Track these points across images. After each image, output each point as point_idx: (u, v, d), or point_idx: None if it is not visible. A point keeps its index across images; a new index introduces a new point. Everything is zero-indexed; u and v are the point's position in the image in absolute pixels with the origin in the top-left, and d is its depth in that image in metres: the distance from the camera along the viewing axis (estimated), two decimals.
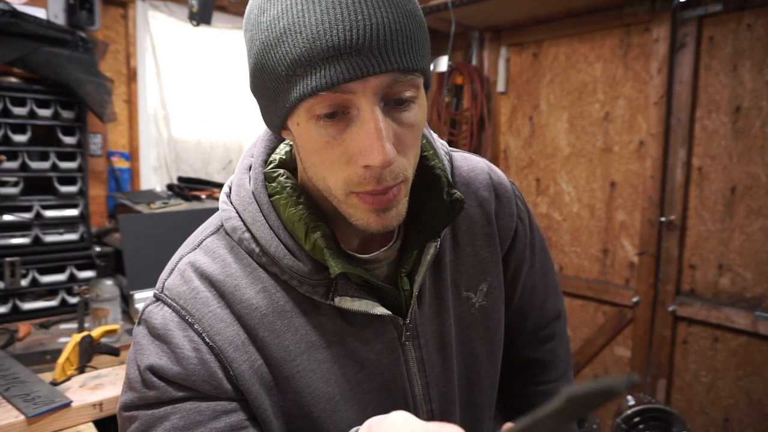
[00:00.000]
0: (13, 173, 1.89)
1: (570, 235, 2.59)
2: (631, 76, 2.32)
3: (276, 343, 0.60)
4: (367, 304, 0.60)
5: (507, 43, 2.76)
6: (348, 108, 0.51)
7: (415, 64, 0.50)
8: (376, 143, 0.49)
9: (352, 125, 0.51)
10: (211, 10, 2.11)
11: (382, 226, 0.55)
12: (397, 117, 0.52)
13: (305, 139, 0.53)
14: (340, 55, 0.47)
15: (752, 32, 1.97)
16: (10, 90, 1.88)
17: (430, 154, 0.66)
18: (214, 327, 0.58)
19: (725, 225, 2.09)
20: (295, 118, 0.53)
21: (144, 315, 0.61)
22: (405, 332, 0.64)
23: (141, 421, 0.57)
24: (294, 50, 0.48)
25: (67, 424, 1.25)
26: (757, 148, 1.99)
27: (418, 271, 0.64)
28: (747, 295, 2.05)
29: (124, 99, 2.43)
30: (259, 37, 0.51)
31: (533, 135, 2.70)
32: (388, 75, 0.49)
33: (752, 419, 2.05)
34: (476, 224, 0.71)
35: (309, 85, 0.48)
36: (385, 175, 0.52)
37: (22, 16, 1.87)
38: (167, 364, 0.57)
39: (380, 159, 0.49)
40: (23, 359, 1.48)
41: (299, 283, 0.60)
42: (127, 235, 1.87)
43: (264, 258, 0.60)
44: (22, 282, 1.87)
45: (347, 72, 0.47)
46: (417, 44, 0.51)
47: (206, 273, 0.60)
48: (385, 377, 0.64)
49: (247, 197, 0.61)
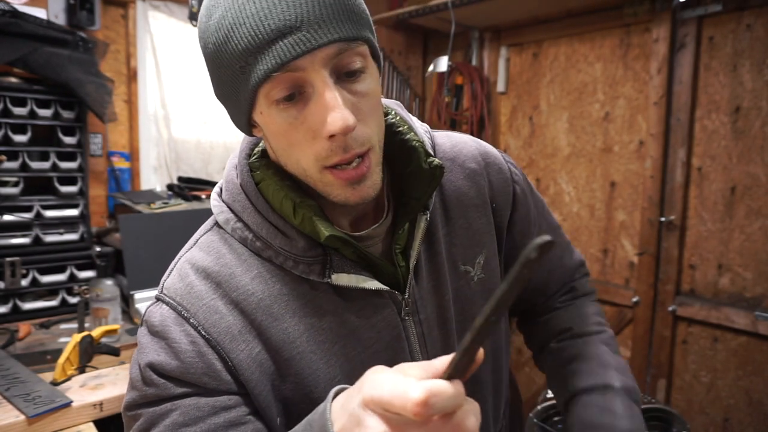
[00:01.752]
0: (13, 173, 1.89)
1: (570, 235, 2.59)
2: (631, 76, 2.32)
3: (275, 326, 0.61)
4: (363, 280, 0.61)
5: (507, 43, 2.76)
6: (303, 87, 0.53)
7: (355, 32, 0.53)
8: (335, 111, 0.52)
9: (310, 102, 0.53)
10: None
11: (360, 197, 0.57)
12: (350, 88, 0.55)
13: (271, 125, 0.56)
14: (283, 35, 0.50)
15: (752, 32, 1.97)
16: (10, 90, 1.88)
17: (404, 128, 0.67)
18: (210, 319, 0.59)
19: (725, 225, 2.09)
20: (258, 108, 0.55)
21: (145, 316, 0.63)
22: (404, 307, 0.65)
23: (143, 419, 0.58)
24: (242, 41, 0.51)
25: (68, 424, 1.25)
26: (756, 148, 1.99)
27: (412, 245, 0.65)
28: (747, 295, 2.05)
29: (124, 99, 2.43)
30: (211, 40, 0.54)
31: (533, 135, 2.70)
32: (333, 46, 0.51)
33: (752, 419, 2.05)
34: (465, 196, 0.72)
35: (261, 70, 0.51)
36: (350, 143, 0.54)
37: (23, 16, 1.87)
38: (165, 360, 0.58)
39: (341, 124, 0.51)
40: (23, 359, 1.48)
41: (294, 264, 0.61)
42: (127, 235, 1.87)
43: (258, 243, 0.62)
44: (23, 282, 1.87)
45: (293, 49, 0.50)
46: (354, 15, 0.53)
47: (201, 266, 0.62)
48: (387, 354, 0.65)
49: (236, 189, 0.64)
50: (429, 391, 0.37)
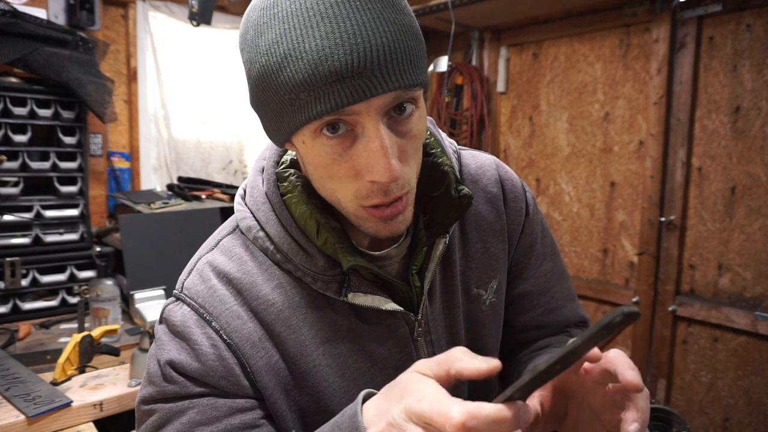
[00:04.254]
0: (13, 173, 1.89)
1: (570, 235, 2.59)
2: (631, 76, 2.32)
3: (293, 338, 0.61)
4: (379, 300, 0.62)
5: (507, 43, 2.76)
6: (353, 125, 0.52)
7: (415, 79, 0.51)
8: (382, 161, 0.51)
9: (357, 142, 0.52)
10: (212, 11, 2.11)
11: (390, 232, 0.58)
12: (399, 130, 0.54)
13: (312, 156, 0.55)
14: (343, 79, 0.48)
15: (752, 32, 1.97)
16: (10, 90, 1.88)
17: (437, 151, 0.67)
18: (231, 324, 0.60)
19: (725, 225, 2.09)
20: (300, 137, 0.54)
21: (164, 314, 0.63)
22: (417, 328, 0.66)
23: (159, 415, 0.59)
24: (296, 76, 0.49)
25: (68, 424, 1.25)
26: (756, 148, 1.99)
27: (428, 267, 0.65)
28: (747, 295, 2.05)
29: (125, 99, 2.43)
30: (259, 60, 0.52)
31: (533, 135, 2.70)
32: (391, 94, 0.50)
33: (752, 419, 2.05)
34: (485, 221, 0.72)
35: (314, 110, 0.49)
36: (392, 188, 0.54)
37: (23, 16, 1.87)
38: (186, 360, 0.59)
39: (387, 176, 0.51)
40: (23, 359, 1.48)
41: (313, 280, 0.61)
42: (127, 235, 1.87)
43: (278, 255, 0.62)
44: (23, 282, 1.87)
45: (350, 95, 0.48)
46: (416, 59, 0.52)
47: (223, 271, 0.62)
48: (397, 372, 0.65)
49: (261, 197, 0.63)
50: (469, 414, 0.38)
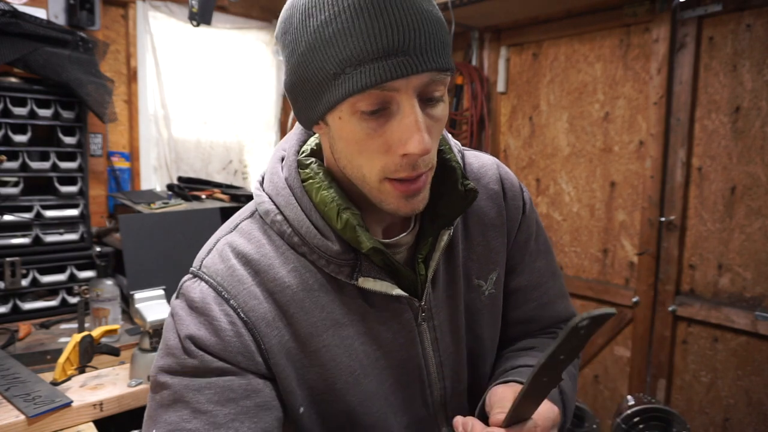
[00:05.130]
0: (13, 173, 1.89)
1: (570, 235, 2.59)
2: (631, 76, 2.32)
3: (305, 319, 0.65)
4: (387, 286, 0.66)
5: (507, 43, 2.76)
6: (389, 103, 0.56)
7: (449, 63, 0.57)
8: (417, 134, 0.55)
9: (392, 119, 0.57)
10: (212, 11, 2.11)
11: (411, 209, 0.62)
12: (428, 112, 0.59)
13: (346, 132, 0.59)
14: (388, 55, 0.53)
15: (752, 32, 1.97)
16: (10, 90, 1.88)
17: (446, 148, 0.72)
18: (249, 303, 0.63)
19: (725, 225, 2.09)
20: (337, 113, 0.58)
21: (182, 289, 0.66)
22: (420, 313, 0.70)
23: (172, 391, 0.61)
24: (345, 51, 0.54)
25: (68, 424, 1.25)
26: (756, 148, 1.99)
27: (433, 256, 0.69)
28: (747, 295, 2.05)
29: (124, 99, 2.43)
30: (306, 39, 0.56)
31: (533, 135, 2.70)
32: (428, 74, 0.55)
33: (752, 419, 2.05)
34: (486, 216, 0.77)
35: (360, 82, 0.54)
36: (419, 163, 0.58)
37: (23, 16, 1.87)
38: (206, 335, 0.62)
39: (421, 147, 0.55)
40: (24, 359, 1.48)
41: (326, 263, 0.65)
42: (127, 235, 1.87)
43: (295, 238, 0.65)
44: (23, 282, 1.87)
45: (395, 70, 0.53)
46: (447, 47, 0.57)
47: (242, 252, 0.66)
48: (401, 355, 0.70)
49: (281, 183, 0.67)
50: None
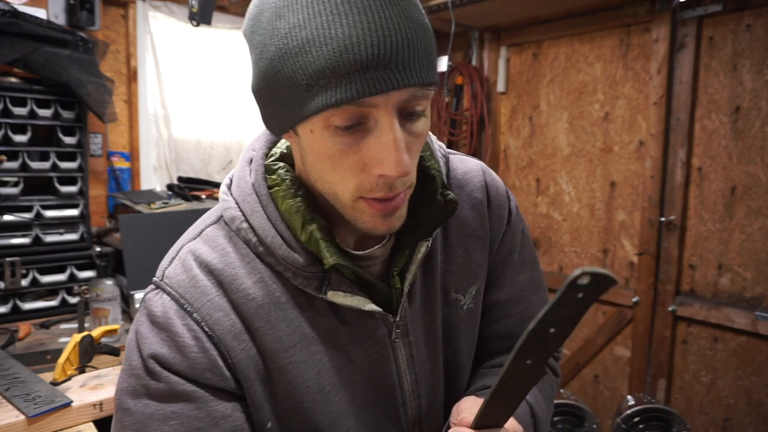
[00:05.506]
0: (13, 173, 1.89)
1: (570, 235, 2.59)
2: (631, 76, 2.32)
3: (271, 333, 0.61)
4: (359, 301, 0.61)
5: (507, 43, 2.76)
6: (366, 119, 0.51)
7: (433, 78, 0.52)
8: (395, 155, 0.51)
9: (369, 135, 0.52)
10: (211, 11, 2.11)
11: (387, 228, 0.57)
12: (408, 128, 0.54)
13: (318, 146, 0.54)
14: (366, 68, 0.47)
15: (752, 32, 1.97)
16: (10, 90, 1.88)
17: (426, 155, 0.67)
18: (213, 316, 0.59)
19: (725, 225, 2.09)
20: (309, 126, 0.53)
21: (144, 302, 0.62)
22: (395, 329, 0.65)
23: (135, 419, 0.57)
24: (318, 61, 0.48)
25: (68, 424, 1.25)
26: (756, 148, 1.99)
27: (409, 269, 0.65)
28: (747, 295, 2.05)
29: (124, 99, 2.43)
30: (275, 43, 0.51)
31: (533, 135, 2.70)
32: (410, 89, 0.50)
33: (752, 419, 2.05)
34: (469, 226, 0.72)
35: (333, 97, 0.48)
36: (397, 183, 0.54)
37: (23, 16, 1.87)
38: (169, 354, 0.58)
39: (399, 170, 0.51)
40: (23, 359, 1.48)
41: (293, 275, 0.61)
42: (127, 235, 1.87)
43: (261, 248, 0.61)
44: (23, 282, 1.86)
45: (373, 86, 0.48)
46: (432, 58, 0.52)
47: (205, 261, 0.61)
48: (374, 372, 0.66)
49: (247, 188, 0.62)
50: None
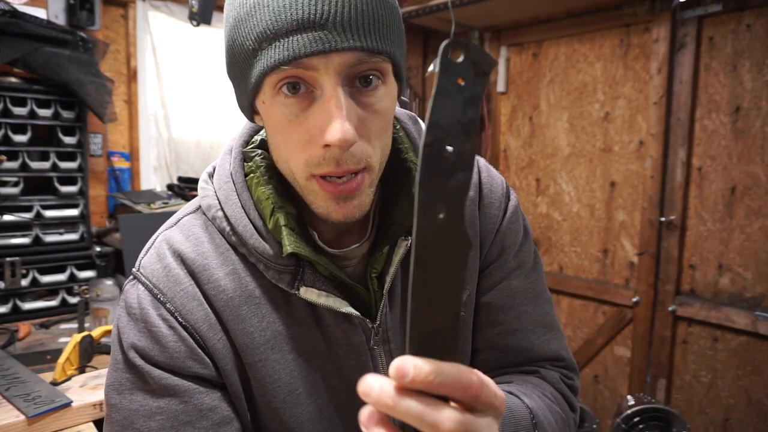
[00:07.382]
0: (13, 173, 1.89)
1: (570, 235, 2.59)
2: (631, 76, 2.32)
3: (240, 329, 0.59)
4: (334, 301, 0.58)
5: (507, 43, 2.76)
6: (312, 86, 0.50)
7: (379, 45, 0.49)
8: (337, 121, 0.48)
9: (315, 104, 0.50)
10: (212, 10, 2.11)
11: (343, 215, 0.54)
12: (362, 100, 0.51)
13: (272, 119, 0.53)
14: (304, 28, 0.47)
15: (752, 32, 1.97)
16: (10, 90, 1.88)
17: (404, 147, 0.64)
18: (187, 306, 0.58)
19: (725, 225, 2.09)
20: (262, 97, 0.53)
21: (123, 293, 0.62)
22: (374, 336, 0.62)
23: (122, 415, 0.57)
24: (261, 23, 0.48)
25: (68, 424, 1.25)
26: (756, 148, 1.99)
27: (388, 270, 0.60)
28: (747, 295, 2.05)
29: (124, 99, 2.43)
30: (232, 14, 0.52)
31: (533, 135, 2.70)
32: (352, 53, 0.48)
33: (752, 419, 2.05)
34: None
35: (272, 58, 0.48)
36: (345, 158, 0.50)
37: (23, 16, 1.87)
38: (148, 345, 0.57)
39: (338, 137, 0.48)
40: (23, 359, 1.48)
41: (265, 268, 0.58)
42: (127, 235, 1.87)
43: (234, 237, 0.59)
44: (23, 282, 1.86)
45: (309, 46, 0.47)
46: (383, 27, 0.50)
47: (179, 250, 0.60)
48: (351, 377, 0.62)
49: (225, 176, 0.61)
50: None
